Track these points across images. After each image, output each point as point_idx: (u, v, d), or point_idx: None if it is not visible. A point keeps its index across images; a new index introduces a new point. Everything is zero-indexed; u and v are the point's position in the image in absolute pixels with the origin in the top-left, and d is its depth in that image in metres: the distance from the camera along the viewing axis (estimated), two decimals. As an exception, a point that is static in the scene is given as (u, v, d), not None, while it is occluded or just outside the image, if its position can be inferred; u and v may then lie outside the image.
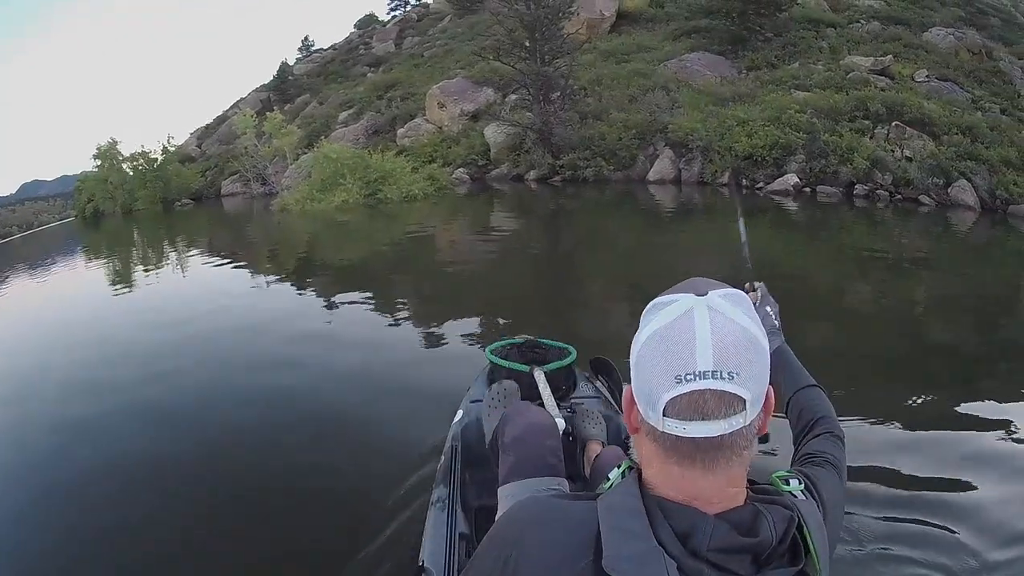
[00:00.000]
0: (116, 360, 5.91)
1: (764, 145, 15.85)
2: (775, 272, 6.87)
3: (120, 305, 9.21)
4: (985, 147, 15.23)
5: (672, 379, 0.76)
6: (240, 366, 5.45)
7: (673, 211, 13.94)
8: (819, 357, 2.41)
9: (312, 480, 3.36)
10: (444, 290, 8.01)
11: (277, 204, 19.13)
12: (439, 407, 3.14)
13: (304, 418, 4.17)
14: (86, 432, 4.33)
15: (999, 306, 6.56)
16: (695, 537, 0.76)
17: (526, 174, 19.40)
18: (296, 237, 14.85)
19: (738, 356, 0.76)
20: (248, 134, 27.12)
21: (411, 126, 24.26)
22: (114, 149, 30.64)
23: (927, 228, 12.10)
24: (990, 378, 4.61)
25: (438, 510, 1.99)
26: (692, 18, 24.43)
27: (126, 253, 16.61)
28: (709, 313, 0.78)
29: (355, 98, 30.36)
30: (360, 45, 42.42)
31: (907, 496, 2.89)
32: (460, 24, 35.40)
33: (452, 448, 2.27)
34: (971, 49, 20.98)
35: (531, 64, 19.06)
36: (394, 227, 14.25)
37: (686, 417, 0.77)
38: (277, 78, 40.88)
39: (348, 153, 18.86)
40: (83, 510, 3.35)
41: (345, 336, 6.04)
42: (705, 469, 0.79)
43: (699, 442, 0.77)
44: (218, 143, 36.02)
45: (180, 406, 4.63)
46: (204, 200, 29.58)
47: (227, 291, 8.81)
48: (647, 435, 0.83)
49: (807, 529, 0.82)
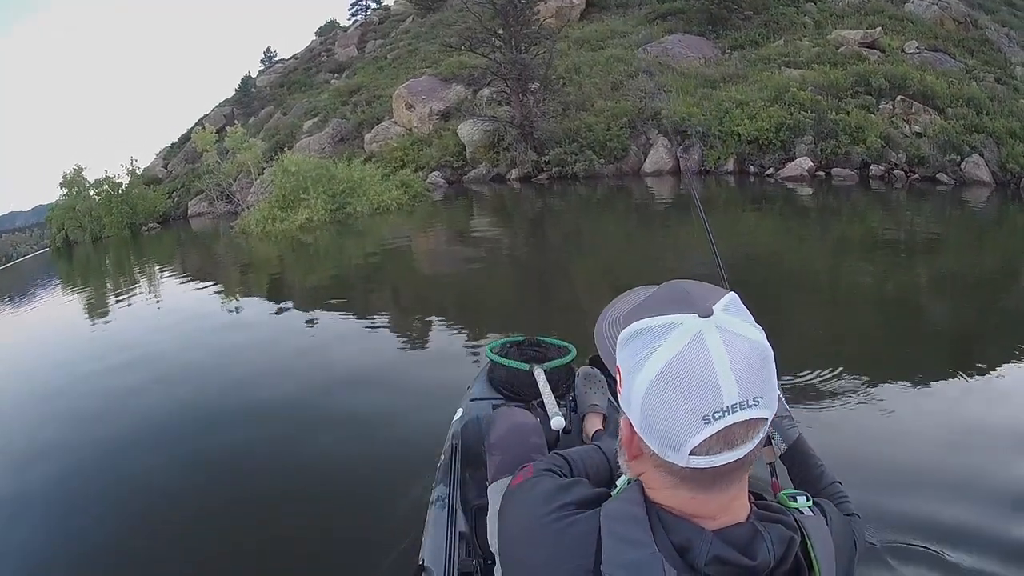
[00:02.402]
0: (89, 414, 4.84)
1: (769, 127, 13.62)
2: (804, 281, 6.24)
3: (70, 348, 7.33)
4: (990, 119, 13.85)
5: (700, 421, 0.66)
6: (232, 382, 5.01)
7: (671, 205, 11.86)
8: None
9: (312, 481, 3.18)
10: (428, 302, 7.10)
11: (237, 226, 16.21)
12: (438, 407, 2.84)
13: (302, 423, 3.91)
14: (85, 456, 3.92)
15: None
16: (692, 551, 0.70)
17: (507, 173, 16.94)
18: (252, 266, 12.09)
19: (759, 377, 0.68)
20: (209, 151, 24.23)
21: (378, 130, 21.64)
22: (80, 176, 27.88)
23: (948, 210, 10.55)
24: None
25: (438, 509, 1.88)
26: (665, 0, 22.13)
27: (82, 289, 13.63)
28: (721, 336, 0.67)
29: (319, 106, 27.80)
30: (322, 52, 39.55)
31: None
32: (423, 24, 32.71)
33: (452, 447, 2.13)
34: (956, 19, 19.20)
35: (507, 53, 16.47)
36: (366, 243, 11.94)
37: (715, 452, 0.68)
38: (240, 91, 38.12)
39: (310, 164, 16.05)
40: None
41: (334, 348, 5.56)
42: (721, 489, 0.72)
43: (721, 468, 0.69)
44: (184, 162, 33.13)
45: (178, 419, 4.29)
46: (171, 222, 26.81)
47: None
48: (657, 467, 0.74)
49: (811, 544, 0.76)
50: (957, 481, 2.65)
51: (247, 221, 15.74)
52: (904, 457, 2.86)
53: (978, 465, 2.77)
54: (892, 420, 3.21)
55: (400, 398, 4.04)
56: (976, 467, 2.76)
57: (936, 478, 2.69)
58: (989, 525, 2.36)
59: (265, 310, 7.57)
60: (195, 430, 4.03)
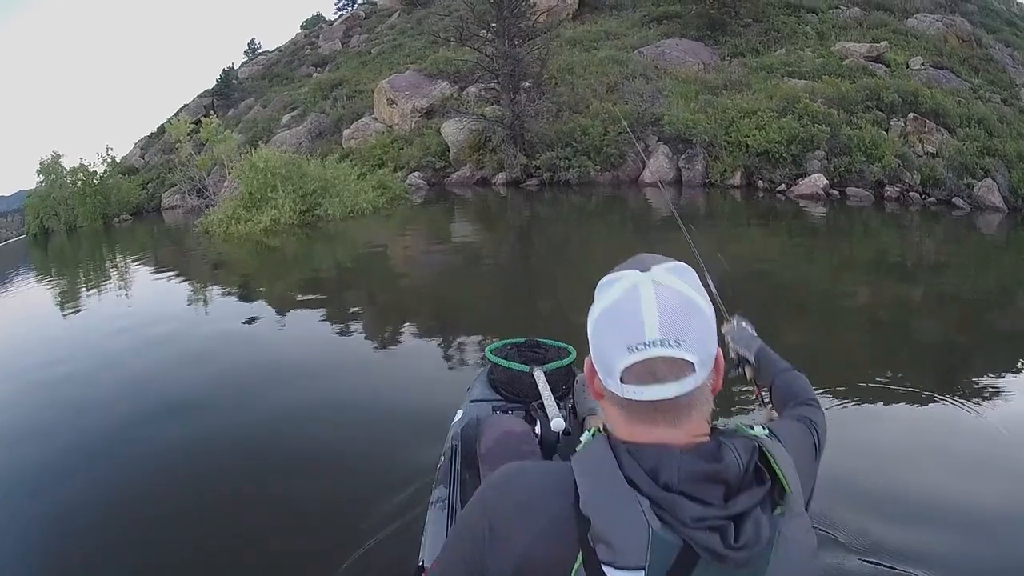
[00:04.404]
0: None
1: (781, 139, 12.01)
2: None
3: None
4: (1001, 142, 12.58)
5: (625, 349, 0.73)
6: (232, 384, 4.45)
7: (670, 218, 9.94)
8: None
9: (312, 481, 2.99)
10: (406, 316, 6.20)
11: (200, 225, 14.04)
12: (437, 407, 2.73)
13: (302, 424, 3.66)
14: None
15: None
16: (664, 471, 0.71)
17: (493, 177, 15.12)
18: (202, 275, 10.17)
19: (682, 324, 0.73)
20: (183, 142, 22.00)
21: (358, 126, 19.63)
22: (57, 164, 25.20)
23: (968, 237, 9.67)
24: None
25: (438, 510, 1.78)
26: (661, 4, 20.50)
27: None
28: (653, 287, 0.74)
29: (299, 99, 25.54)
30: (306, 45, 37.13)
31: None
32: (409, 19, 30.63)
33: (452, 448, 2.00)
34: (960, 36, 17.90)
35: (499, 46, 14.60)
36: (336, 250, 10.13)
37: (641, 382, 0.73)
38: (220, 82, 35.52)
39: (279, 160, 13.84)
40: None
41: (329, 354, 5.06)
42: (668, 425, 0.75)
43: (657, 404, 0.74)
44: (160, 153, 30.44)
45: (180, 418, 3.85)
46: (144, 214, 24.38)
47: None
48: (610, 400, 0.79)
49: (773, 459, 0.76)
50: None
51: (210, 220, 13.67)
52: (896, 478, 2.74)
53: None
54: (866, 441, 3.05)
55: (398, 400, 3.86)
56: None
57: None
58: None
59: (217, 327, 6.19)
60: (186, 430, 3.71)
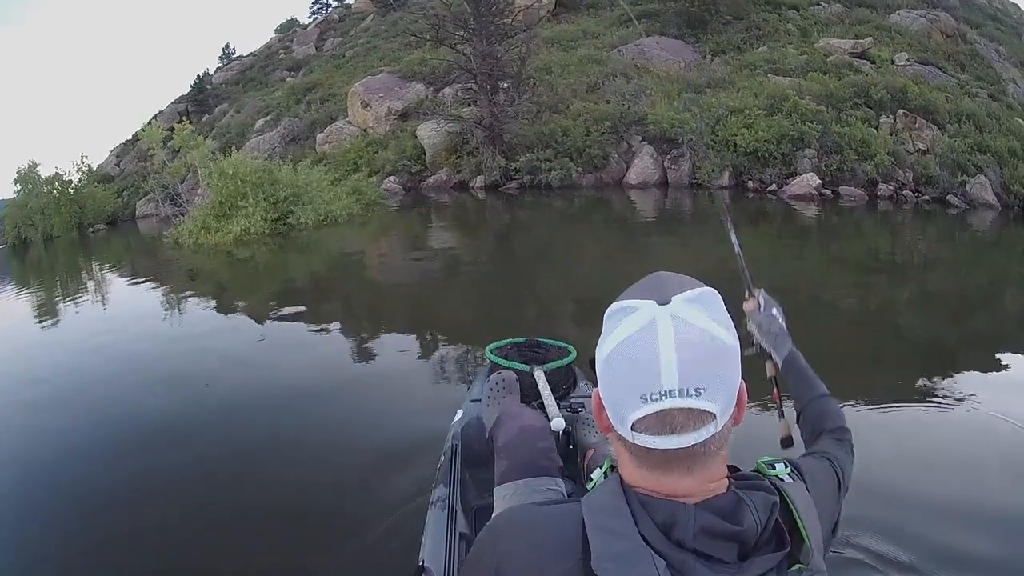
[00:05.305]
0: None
1: (770, 138, 11.31)
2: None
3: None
4: (991, 137, 12.08)
5: (637, 399, 0.65)
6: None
7: (656, 220, 9.77)
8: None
9: (312, 481, 2.94)
10: (387, 331, 5.77)
11: (169, 235, 12.86)
12: (437, 408, 2.80)
13: (302, 424, 3.60)
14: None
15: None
16: (678, 528, 0.66)
17: (471, 181, 14.26)
18: (182, 283, 9.22)
19: (704, 369, 0.65)
20: (156, 149, 20.89)
21: (332, 130, 18.67)
22: (33, 172, 23.76)
23: (965, 237, 9.28)
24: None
25: (438, 510, 1.75)
26: (639, 2, 19.80)
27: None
28: (672, 323, 0.65)
29: (272, 104, 24.49)
30: (280, 50, 35.96)
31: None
32: (383, 22, 29.67)
33: (452, 447, 1.99)
34: (944, 31, 17.40)
35: (477, 45, 13.75)
36: (312, 260, 9.35)
37: (655, 433, 0.66)
38: (195, 88, 34.18)
39: (250, 167, 12.84)
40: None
41: (330, 356, 4.92)
42: (682, 474, 0.68)
43: (669, 453, 0.66)
44: (136, 160, 29.06)
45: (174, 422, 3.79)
46: (119, 224, 23.13)
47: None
48: (618, 441, 0.71)
49: (795, 509, 0.71)
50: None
51: (179, 231, 12.62)
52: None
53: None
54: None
55: (397, 401, 3.78)
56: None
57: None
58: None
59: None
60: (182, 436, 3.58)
